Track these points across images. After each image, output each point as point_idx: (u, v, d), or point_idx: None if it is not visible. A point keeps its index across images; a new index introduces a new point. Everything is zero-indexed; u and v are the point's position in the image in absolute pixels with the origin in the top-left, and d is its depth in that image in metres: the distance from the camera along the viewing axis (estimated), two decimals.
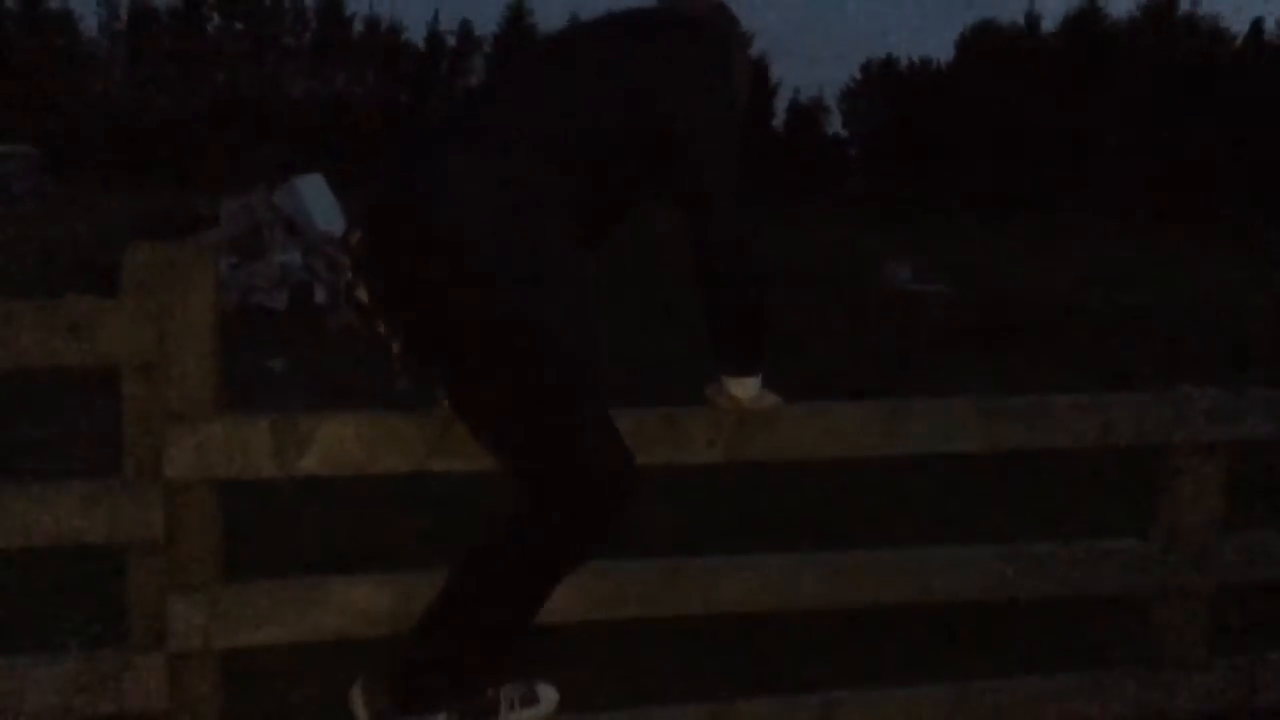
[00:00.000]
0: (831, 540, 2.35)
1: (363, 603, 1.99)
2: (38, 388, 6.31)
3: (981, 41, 57.57)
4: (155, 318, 1.85)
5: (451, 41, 62.03)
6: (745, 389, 2.07)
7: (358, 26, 60.09)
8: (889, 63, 62.35)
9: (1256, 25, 55.83)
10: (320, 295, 11.26)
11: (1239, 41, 55.52)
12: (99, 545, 1.89)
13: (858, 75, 62.13)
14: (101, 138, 43.19)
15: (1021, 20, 59.42)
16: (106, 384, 2.10)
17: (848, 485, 4.86)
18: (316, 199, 12.35)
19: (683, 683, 2.82)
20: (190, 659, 1.91)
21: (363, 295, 1.92)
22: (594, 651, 2.90)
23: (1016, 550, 2.28)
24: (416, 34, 62.70)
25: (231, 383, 1.95)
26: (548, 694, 2.06)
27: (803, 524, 4.37)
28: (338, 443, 1.96)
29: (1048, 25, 58.54)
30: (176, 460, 1.87)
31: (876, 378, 8.09)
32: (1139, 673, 2.35)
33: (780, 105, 59.52)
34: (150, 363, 1.87)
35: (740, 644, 3.13)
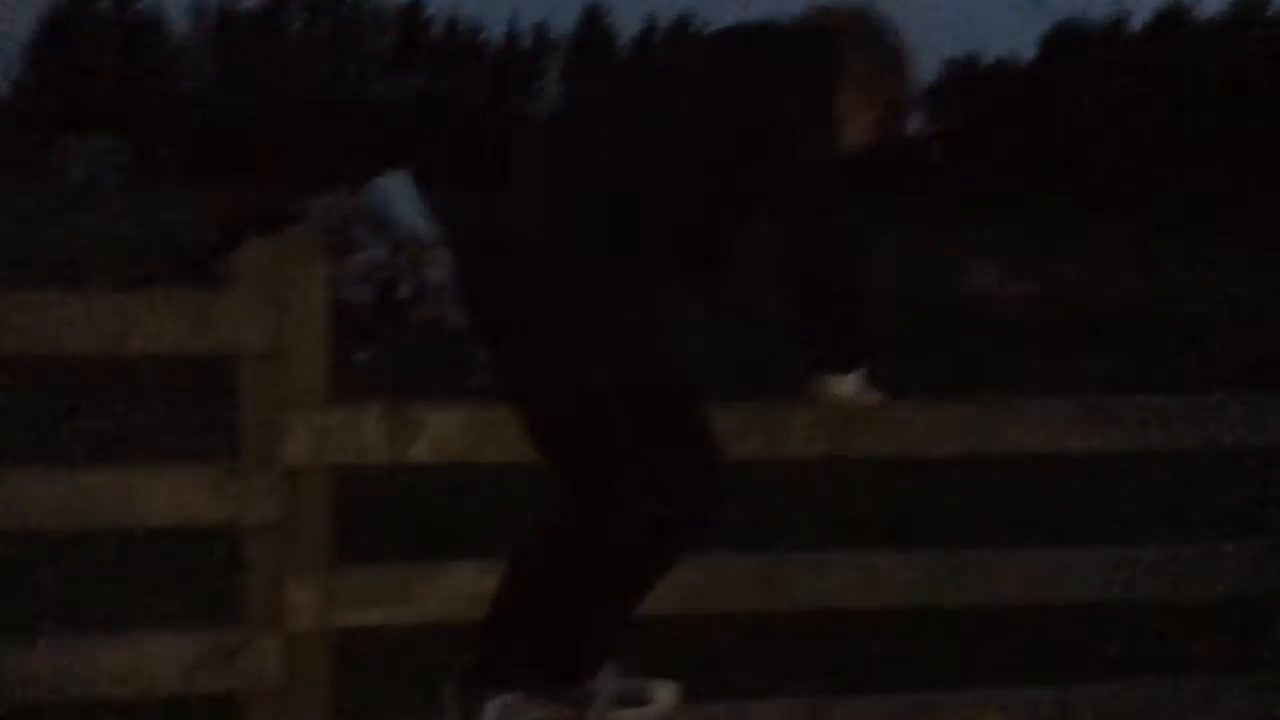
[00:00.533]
0: (926, 541, 2.34)
1: (469, 587, 2.03)
2: (150, 376, 6.53)
3: (1066, 40, 56.49)
4: (276, 308, 1.91)
5: (530, 42, 62.54)
6: (846, 386, 2.07)
7: (437, 27, 60.90)
8: (971, 61, 61.46)
9: None
10: (404, 291, 11.44)
11: None
12: (217, 529, 1.96)
13: (940, 72, 61.35)
14: (189, 136, 44.27)
15: (1107, 19, 58.22)
16: (217, 372, 2.16)
17: (941, 484, 4.81)
18: (401, 197, 12.54)
19: (775, 680, 2.82)
20: (306, 639, 1.97)
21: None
22: (688, 646, 2.92)
23: (1128, 554, 2.25)
24: (495, 34, 63.30)
25: None
26: (664, 694, 2.05)
27: (897, 523, 4.33)
28: (446, 432, 2.00)
29: (1134, 25, 57.11)
30: (294, 447, 1.92)
31: (961, 379, 7.99)
32: (1254, 680, 2.31)
33: None
34: (269, 352, 1.93)
35: (834, 643, 3.12)
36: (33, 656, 1.90)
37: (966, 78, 60.06)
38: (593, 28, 62.70)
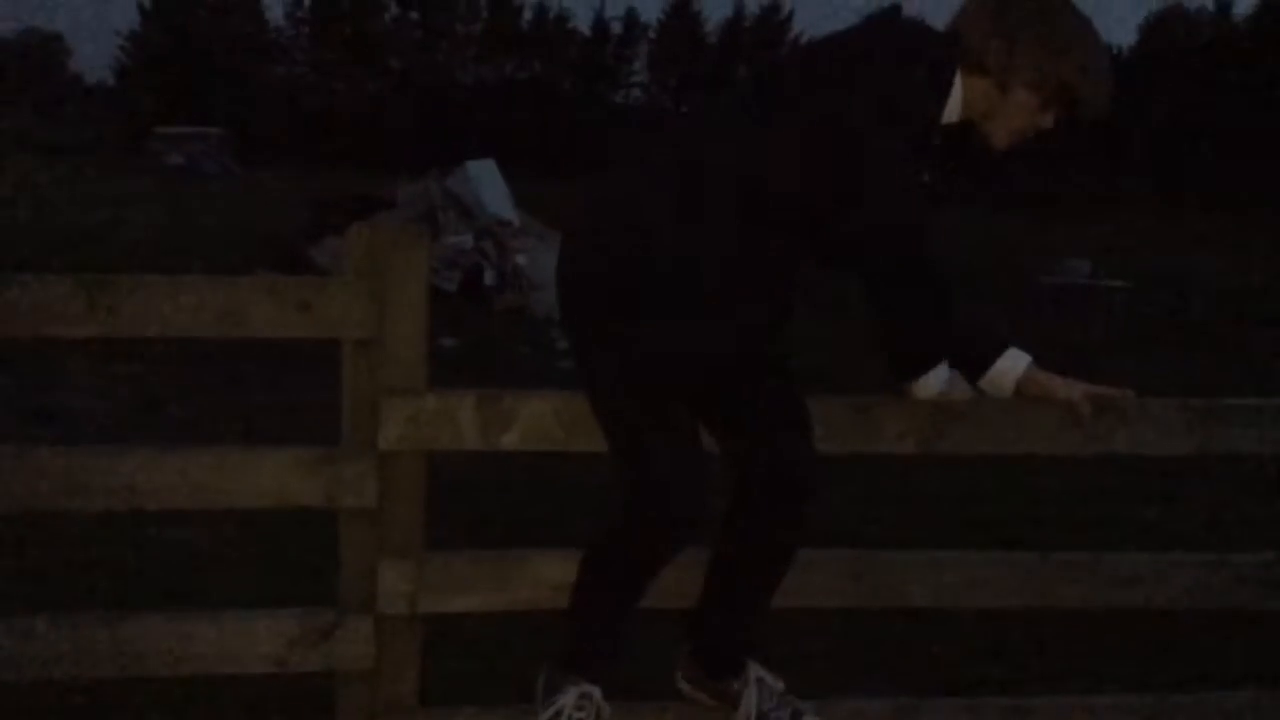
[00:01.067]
0: (1012, 541, 2.30)
1: (556, 576, 2.05)
2: (254, 361, 6.71)
3: (1168, 28, 54.86)
4: (378, 296, 1.94)
5: (618, 29, 62.60)
6: (927, 389, 2.03)
7: (527, 15, 61.27)
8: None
9: None
10: (489, 277, 11.56)
11: None
12: (315, 513, 2.00)
13: None
14: (285, 121, 45.17)
15: (1211, 5, 56.34)
16: (315, 358, 2.21)
17: (1027, 485, 4.73)
18: (488, 184, 12.68)
19: (863, 679, 2.80)
20: (397, 622, 2.00)
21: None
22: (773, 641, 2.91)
23: (1226, 558, 2.18)
24: (584, 21, 63.37)
25: None
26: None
27: (984, 523, 4.27)
28: (539, 421, 2.02)
29: (1240, 10, 55.24)
30: (391, 432, 1.95)
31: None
32: None
33: None
34: (369, 338, 1.96)
35: (922, 643, 3.09)
36: (133, 632, 1.96)
37: None
38: (681, 14, 62.47)
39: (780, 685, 2.05)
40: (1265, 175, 40.63)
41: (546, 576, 2.05)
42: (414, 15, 59.19)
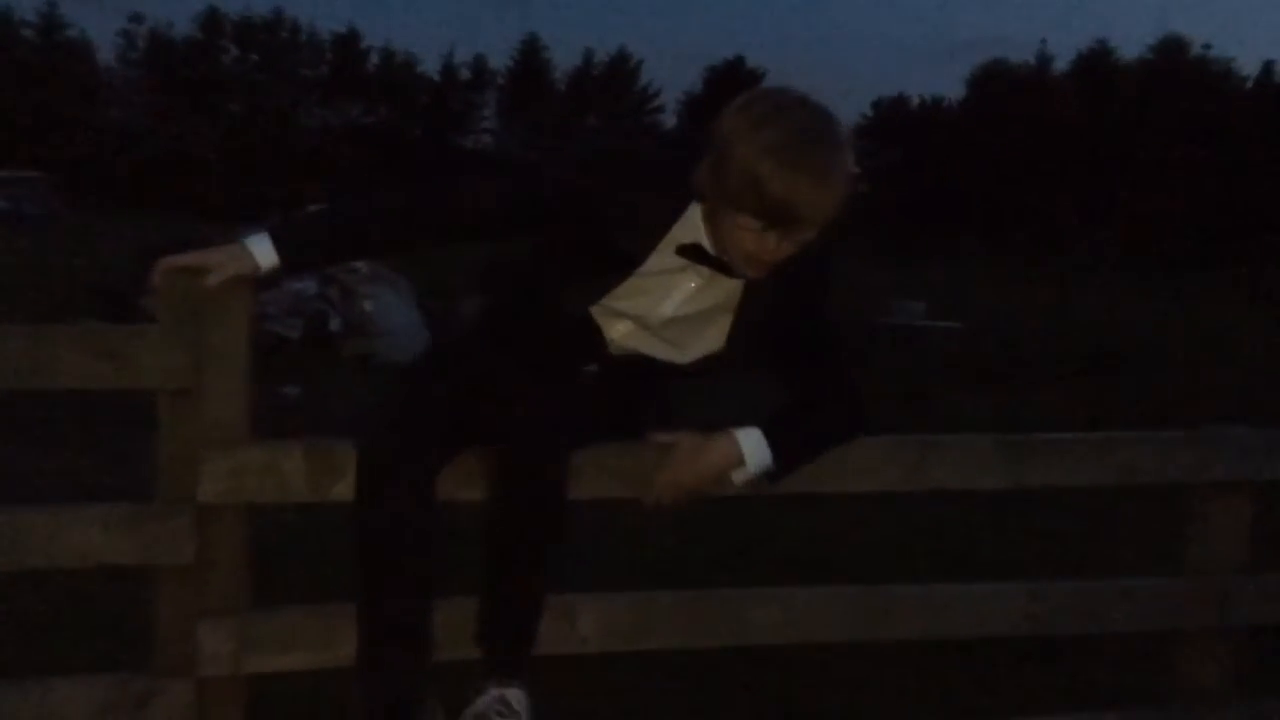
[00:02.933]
0: (850, 576, 2.35)
1: None
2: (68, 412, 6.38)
3: (993, 81, 57.90)
4: (192, 345, 1.87)
5: (466, 75, 62.54)
6: (744, 473, 1.99)
7: (373, 59, 60.64)
8: (900, 100, 62.71)
9: (1268, 68, 56.02)
10: (335, 324, 11.31)
11: (1250, 84, 55.71)
12: (126, 572, 1.91)
13: (869, 113, 62.49)
14: (116, 165, 43.49)
15: (1033, 59, 59.71)
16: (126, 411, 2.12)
17: (865, 519, 4.86)
18: None
19: (701, 717, 2.81)
20: (219, 684, 1.92)
21: None
22: (620, 682, 2.90)
23: (1044, 588, 2.28)
24: (431, 67, 63.02)
25: None
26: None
27: (818, 560, 4.36)
28: None
29: (1060, 65, 58.68)
30: (210, 485, 1.88)
31: (887, 412, 8.09)
32: (1164, 710, 2.35)
33: None
34: (185, 388, 1.89)
35: (761, 678, 3.12)
36: None
37: (895, 117, 61.18)
38: (530, 61, 62.94)
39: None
40: (1090, 223, 43.03)
41: None
42: (254, 58, 57.97)
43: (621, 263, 1.95)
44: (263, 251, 1.87)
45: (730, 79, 54.45)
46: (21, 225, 23.09)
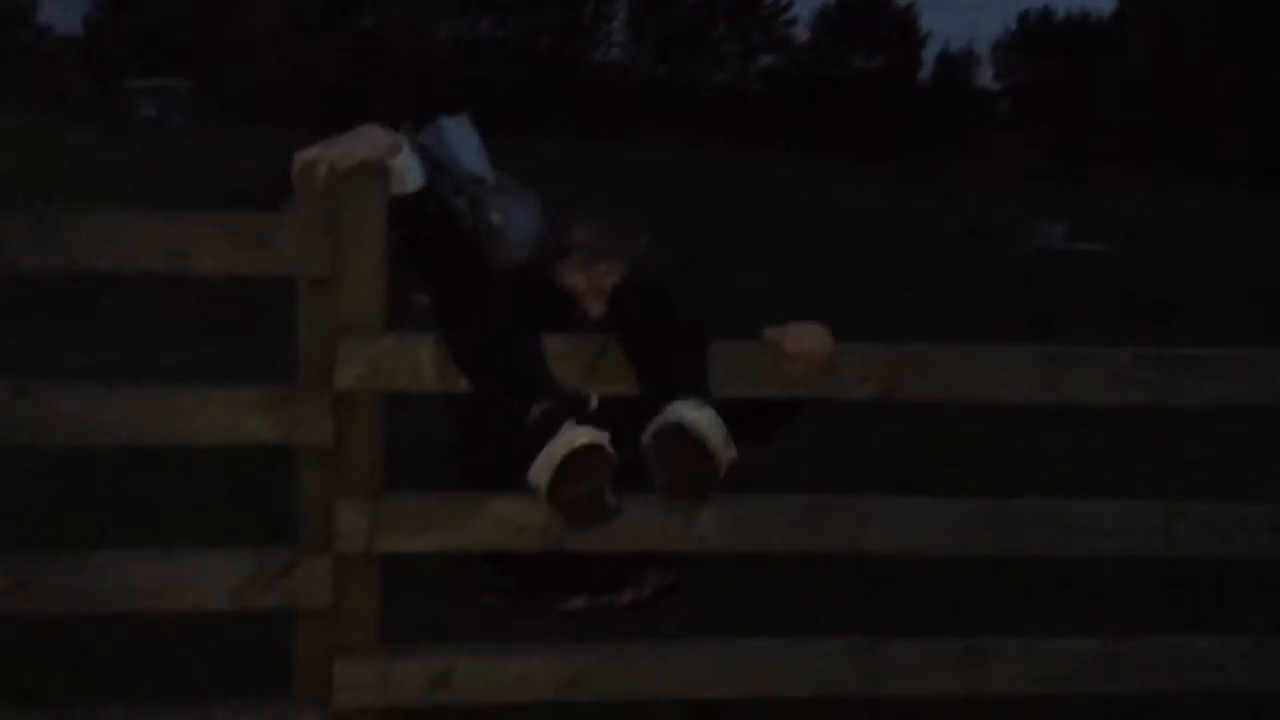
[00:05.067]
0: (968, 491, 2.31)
1: (517, 518, 2.05)
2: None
3: None
4: (331, 233, 1.92)
5: None
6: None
7: None
8: (1046, 14, 59.91)
9: None
10: None
11: None
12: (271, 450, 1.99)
13: (1012, 26, 59.91)
14: (257, 76, 44.55)
15: None
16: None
17: (985, 439, 4.76)
18: (463, 141, 12.54)
19: (824, 624, 2.82)
20: (354, 561, 2.00)
21: None
22: (737, 586, 2.93)
23: (1182, 509, 2.21)
24: None
25: None
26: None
27: (932, 478, 4.29)
28: None
29: None
30: (346, 371, 1.94)
31: (1020, 339, 7.87)
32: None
33: (929, 55, 57.79)
34: (324, 277, 1.94)
35: (879, 589, 3.11)
36: (91, 570, 1.95)
37: (1040, 33, 58.43)
38: None
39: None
40: (1254, 147, 40.38)
41: (505, 517, 2.05)
42: None
43: None
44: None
45: None
46: (165, 134, 23.88)
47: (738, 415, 2.03)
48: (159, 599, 1.98)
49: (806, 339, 2.06)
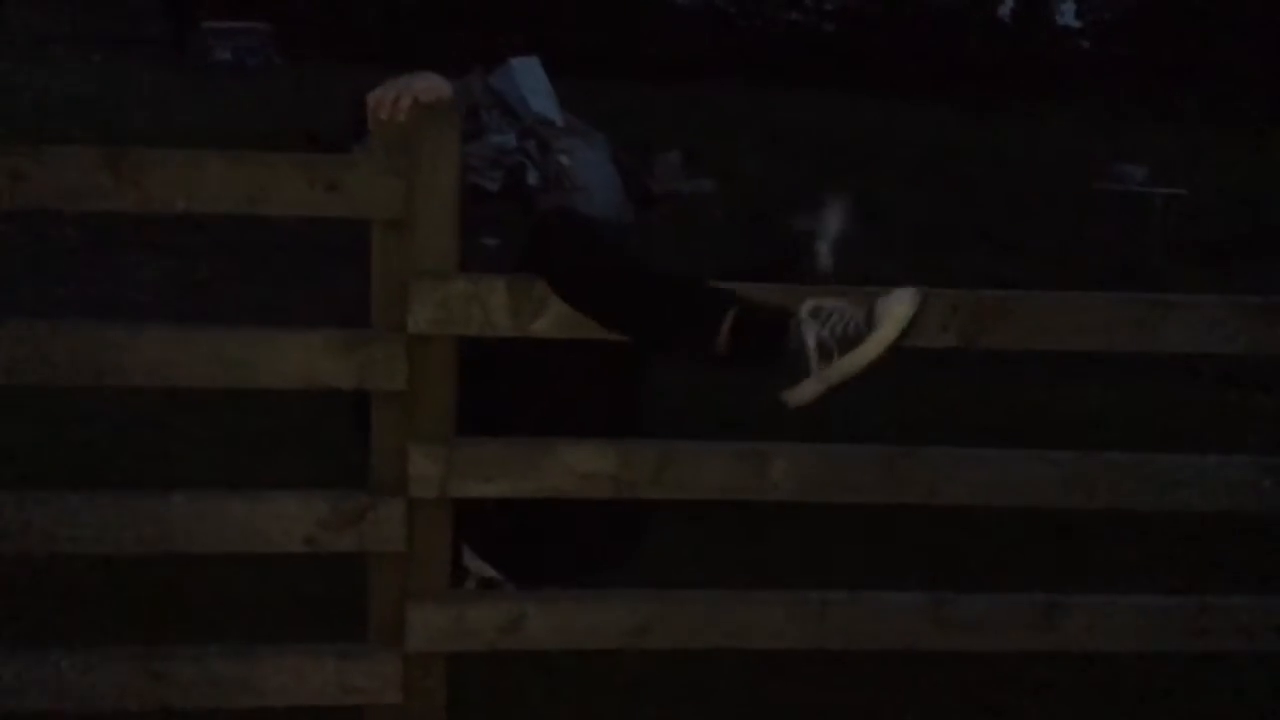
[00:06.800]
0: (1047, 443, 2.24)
1: (586, 465, 2.03)
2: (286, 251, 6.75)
3: None
4: (404, 175, 1.90)
5: None
6: None
7: None
8: None
9: None
10: (532, 177, 11.45)
11: None
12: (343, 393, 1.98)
13: None
14: (332, 15, 44.68)
15: None
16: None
17: (1071, 394, 4.66)
18: (532, 83, 12.47)
19: (896, 578, 2.79)
20: (426, 506, 2.00)
21: None
22: (809, 536, 2.90)
23: (1269, 462, 2.12)
24: None
25: None
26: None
27: (1018, 431, 4.21)
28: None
29: None
30: (419, 314, 1.93)
31: (1100, 285, 7.66)
32: None
33: None
34: (398, 219, 1.92)
35: (954, 541, 3.07)
36: (166, 511, 1.97)
37: None
38: None
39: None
40: None
41: (575, 464, 2.03)
42: None
43: None
44: None
45: None
46: (243, 75, 24.06)
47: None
48: (235, 542, 2.00)
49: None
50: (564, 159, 11.62)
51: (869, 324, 1.82)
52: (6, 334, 1.87)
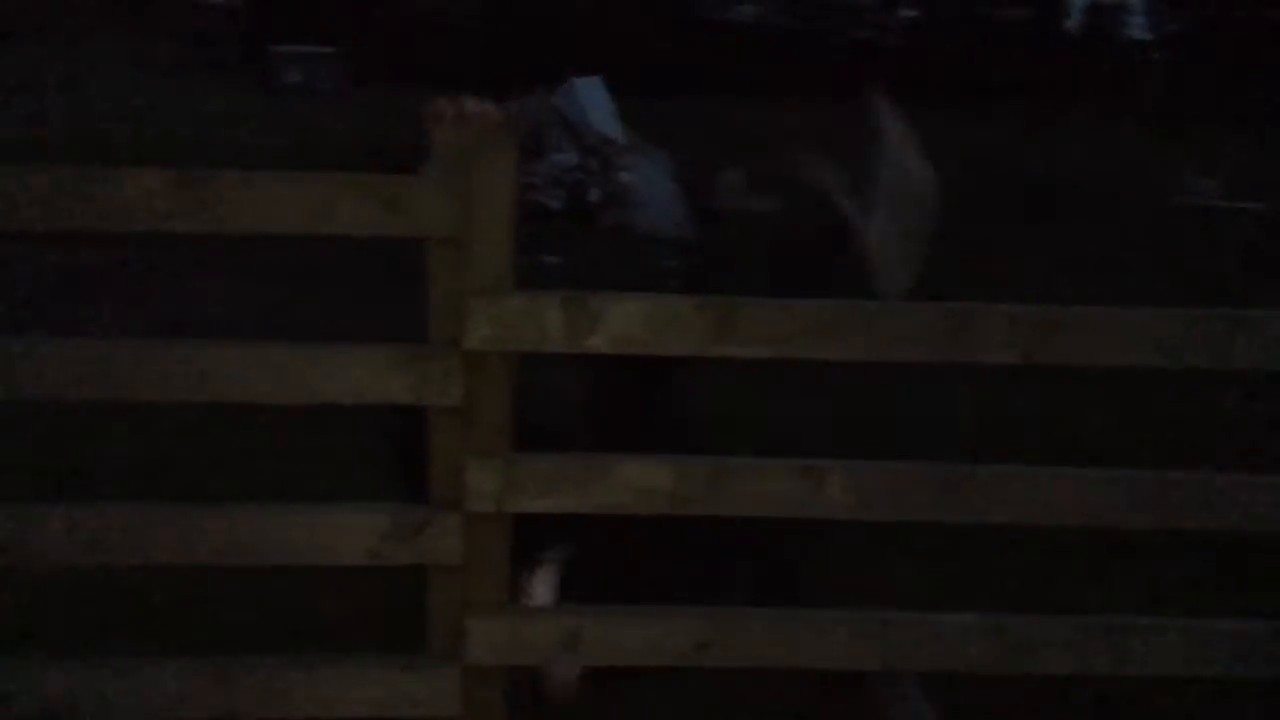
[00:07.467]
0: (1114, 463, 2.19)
1: (644, 481, 2.03)
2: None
3: None
4: (462, 194, 1.92)
5: None
6: None
7: None
8: None
9: None
10: (594, 195, 11.52)
11: None
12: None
13: None
14: (401, 39, 45.40)
15: None
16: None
17: (1135, 411, 4.56)
18: (594, 101, 12.56)
19: (945, 597, 2.75)
20: (484, 520, 2.02)
21: None
22: (868, 555, 2.87)
23: None
24: None
25: None
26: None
27: (1084, 444, 4.13)
28: (626, 322, 1.98)
29: None
30: (476, 331, 1.94)
31: (1173, 300, 7.49)
32: None
33: (1076, 6, 55.36)
34: (454, 237, 1.95)
35: (1017, 566, 3.01)
36: (224, 524, 2.01)
37: None
38: None
39: None
40: None
41: (631, 480, 2.04)
42: None
43: None
44: None
45: None
46: (312, 98, 24.52)
47: None
48: (301, 554, 2.03)
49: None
50: (626, 176, 11.67)
51: None
52: (77, 354, 1.92)
